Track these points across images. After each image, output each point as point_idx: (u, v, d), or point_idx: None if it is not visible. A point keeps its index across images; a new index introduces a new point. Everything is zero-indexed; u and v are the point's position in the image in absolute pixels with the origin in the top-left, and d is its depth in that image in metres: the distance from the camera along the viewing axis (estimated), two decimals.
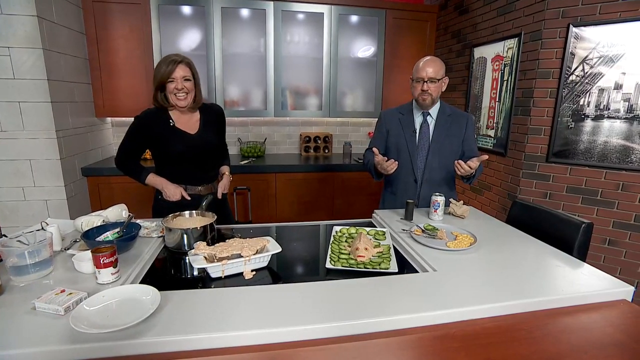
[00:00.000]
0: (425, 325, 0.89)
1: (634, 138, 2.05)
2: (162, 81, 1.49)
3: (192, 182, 1.62)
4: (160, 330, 0.80)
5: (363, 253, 1.20)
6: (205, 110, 1.66)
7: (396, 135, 1.81)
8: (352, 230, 1.46)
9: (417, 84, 1.70)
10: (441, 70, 1.67)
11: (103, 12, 2.55)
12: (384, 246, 1.31)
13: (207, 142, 1.63)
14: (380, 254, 1.25)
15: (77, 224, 1.34)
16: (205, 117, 1.65)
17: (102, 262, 0.97)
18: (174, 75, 1.48)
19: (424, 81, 1.66)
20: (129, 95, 2.71)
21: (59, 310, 0.83)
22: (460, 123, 1.78)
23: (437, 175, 1.78)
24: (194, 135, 1.59)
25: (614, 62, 2.05)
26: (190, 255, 1.12)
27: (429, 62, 1.67)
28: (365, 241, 1.26)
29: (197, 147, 1.59)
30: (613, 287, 1.04)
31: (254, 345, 0.80)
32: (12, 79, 2.03)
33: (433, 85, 1.66)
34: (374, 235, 1.42)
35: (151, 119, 1.57)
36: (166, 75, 1.47)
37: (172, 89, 1.50)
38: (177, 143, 1.56)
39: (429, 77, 1.65)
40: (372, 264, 1.17)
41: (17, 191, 2.19)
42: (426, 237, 1.36)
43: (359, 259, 1.19)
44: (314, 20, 2.94)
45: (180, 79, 1.49)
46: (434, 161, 1.76)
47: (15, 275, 0.99)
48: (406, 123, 1.80)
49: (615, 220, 2.18)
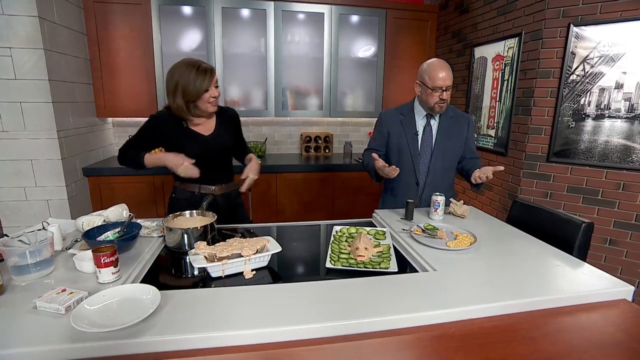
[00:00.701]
0: (424, 324, 0.89)
1: (635, 138, 2.05)
2: (201, 93, 1.44)
3: (206, 182, 1.60)
4: (160, 329, 0.80)
5: (363, 253, 1.20)
6: (220, 113, 1.65)
7: (397, 137, 1.79)
8: (353, 230, 1.46)
9: (435, 92, 1.65)
10: (452, 75, 1.66)
11: (104, 12, 2.55)
12: (384, 246, 1.31)
13: (221, 144, 1.62)
14: (380, 254, 1.25)
15: (78, 224, 1.35)
16: (220, 119, 1.64)
17: (102, 261, 0.97)
18: (212, 84, 1.45)
19: (443, 90, 1.63)
20: (130, 95, 2.72)
21: (59, 309, 0.84)
22: (462, 124, 1.78)
23: (439, 178, 1.77)
24: (208, 137, 1.58)
25: (615, 61, 2.05)
26: (191, 254, 1.13)
27: (444, 68, 1.63)
28: (365, 241, 1.27)
29: (211, 149, 1.59)
30: (613, 287, 1.03)
31: (254, 345, 0.80)
32: (13, 80, 2.03)
33: (448, 93, 1.65)
34: (374, 235, 1.42)
35: (166, 120, 1.54)
36: (205, 87, 1.43)
37: (209, 97, 1.46)
38: (192, 145, 1.54)
39: (447, 85, 1.62)
40: (372, 263, 1.17)
41: (18, 191, 2.20)
42: (426, 237, 1.36)
43: (359, 258, 1.19)
44: (315, 20, 2.94)
45: (214, 86, 1.46)
46: (437, 164, 1.75)
47: (16, 274, 1.00)
48: (408, 125, 1.78)
49: (616, 220, 2.18)
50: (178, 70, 1.44)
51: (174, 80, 1.44)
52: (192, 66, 1.43)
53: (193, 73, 1.42)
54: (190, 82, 1.42)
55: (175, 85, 1.44)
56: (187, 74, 1.42)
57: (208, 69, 1.44)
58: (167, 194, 2.64)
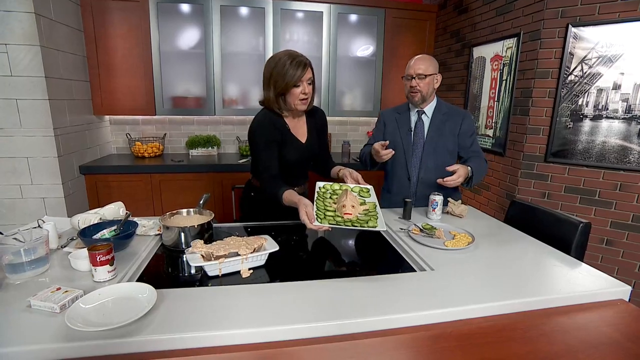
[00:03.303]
0: (421, 324, 0.89)
1: (632, 138, 2.06)
2: (289, 86, 1.37)
3: (290, 183, 1.50)
4: (156, 328, 0.79)
5: (350, 210, 1.18)
6: (310, 115, 1.59)
7: (392, 134, 1.82)
8: (336, 186, 1.41)
9: (407, 81, 1.71)
10: (431, 66, 1.67)
11: (101, 9, 2.54)
12: (369, 203, 1.29)
13: (313, 151, 1.60)
14: (366, 212, 1.23)
15: (74, 222, 1.34)
16: (311, 122, 1.59)
17: (98, 260, 0.96)
18: (303, 78, 1.37)
19: (412, 77, 1.67)
20: (127, 93, 2.70)
21: (54, 308, 0.83)
22: (456, 121, 1.76)
23: (432, 175, 1.75)
24: (305, 144, 1.55)
25: (613, 62, 2.05)
26: (188, 253, 1.12)
27: (418, 58, 1.69)
28: (352, 198, 1.25)
29: (306, 158, 1.58)
30: (610, 287, 1.04)
31: (251, 344, 0.80)
32: (9, 76, 2.02)
33: (422, 82, 1.67)
34: (359, 192, 1.40)
35: (274, 123, 1.46)
36: (297, 79, 1.36)
37: (299, 93, 1.39)
38: (292, 151, 1.50)
39: (417, 73, 1.66)
40: (359, 221, 1.16)
41: (14, 189, 2.18)
42: (424, 237, 1.36)
43: (345, 216, 1.17)
44: (313, 19, 2.94)
45: (307, 82, 1.39)
46: (429, 161, 1.76)
47: (10, 273, 0.99)
48: (402, 121, 1.81)
49: (613, 220, 2.19)
50: (275, 60, 1.39)
51: (270, 69, 1.40)
52: (288, 56, 1.37)
53: (287, 64, 1.35)
54: (282, 73, 1.36)
55: (270, 74, 1.40)
56: (281, 65, 1.36)
57: (302, 63, 1.37)
58: (164, 192, 2.63)
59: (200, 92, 2.88)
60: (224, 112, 2.90)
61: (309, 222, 1.16)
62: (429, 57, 1.71)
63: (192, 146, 3.03)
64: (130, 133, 3.02)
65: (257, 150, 1.47)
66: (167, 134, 3.11)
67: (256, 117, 1.51)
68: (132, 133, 3.03)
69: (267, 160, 1.45)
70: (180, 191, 2.66)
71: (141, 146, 2.88)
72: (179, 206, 1.45)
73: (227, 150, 3.26)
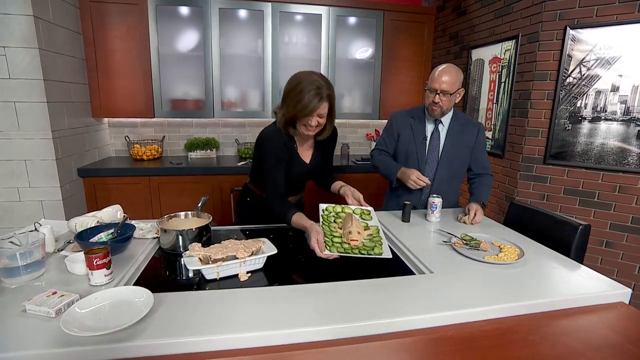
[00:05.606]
0: (422, 328, 0.88)
1: (631, 140, 2.06)
2: (299, 116, 1.34)
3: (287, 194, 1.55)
4: (153, 332, 0.78)
5: (356, 237, 1.22)
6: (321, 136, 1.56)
7: (406, 142, 1.77)
8: (339, 209, 1.45)
9: (430, 93, 1.63)
10: (457, 83, 1.59)
11: (100, 12, 2.54)
12: (372, 227, 1.32)
13: (316, 170, 1.63)
14: (371, 237, 1.27)
15: (71, 225, 1.33)
16: (319, 142, 1.58)
17: (95, 263, 0.95)
18: (315, 112, 1.33)
19: (437, 93, 1.60)
20: (126, 96, 2.70)
21: (49, 312, 0.82)
22: (472, 132, 1.74)
23: (445, 186, 1.74)
24: (309, 165, 1.57)
25: (611, 64, 2.06)
26: (185, 256, 1.11)
27: (444, 71, 1.59)
28: (357, 224, 1.29)
29: (307, 175, 1.61)
30: (610, 290, 1.03)
31: (249, 348, 0.79)
32: (7, 79, 2.01)
33: (445, 98, 1.60)
34: (360, 215, 1.42)
35: (284, 143, 1.45)
36: (308, 112, 1.31)
37: (307, 124, 1.37)
38: (296, 169, 1.52)
39: (442, 89, 1.58)
40: (365, 248, 1.20)
41: (12, 192, 2.17)
42: (469, 249, 1.28)
43: (352, 242, 1.21)
44: (312, 22, 2.94)
45: (317, 116, 1.34)
46: (444, 172, 1.73)
47: (6, 277, 0.98)
48: (417, 129, 1.75)
49: (612, 222, 2.18)
50: (295, 81, 1.35)
51: (287, 89, 1.37)
52: (308, 82, 1.31)
53: (304, 91, 1.30)
54: (296, 100, 1.31)
55: (286, 95, 1.37)
56: (298, 90, 1.31)
57: (319, 95, 1.30)
58: (162, 194, 2.62)
59: (199, 95, 2.88)
60: (222, 115, 2.90)
61: (319, 251, 1.19)
62: (456, 70, 1.61)
63: (190, 149, 3.02)
64: (128, 135, 3.02)
65: (265, 164, 1.46)
66: (165, 137, 3.10)
67: (269, 128, 1.50)
68: (130, 135, 3.02)
69: (275, 179, 1.44)
70: (179, 194, 2.65)
71: (140, 149, 2.87)
72: (178, 209, 1.44)
73: (225, 152, 3.25)
